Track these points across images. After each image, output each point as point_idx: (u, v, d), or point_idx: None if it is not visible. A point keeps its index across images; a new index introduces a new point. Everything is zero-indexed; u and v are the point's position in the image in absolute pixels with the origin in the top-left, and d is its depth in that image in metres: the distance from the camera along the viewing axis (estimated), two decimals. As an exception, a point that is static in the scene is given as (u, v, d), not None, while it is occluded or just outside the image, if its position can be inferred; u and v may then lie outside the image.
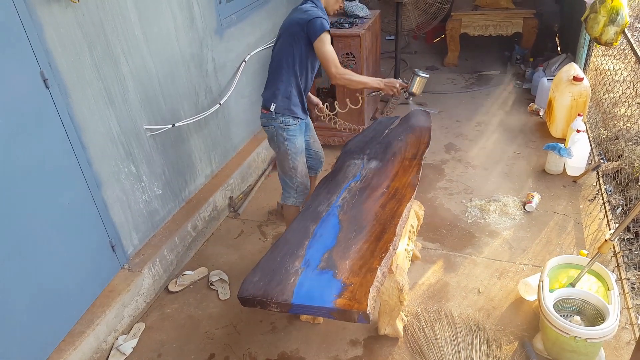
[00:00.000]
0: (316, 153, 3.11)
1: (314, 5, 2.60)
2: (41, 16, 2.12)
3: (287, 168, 2.81)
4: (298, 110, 2.71)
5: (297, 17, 2.56)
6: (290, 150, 2.74)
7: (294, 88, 2.67)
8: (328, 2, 2.70)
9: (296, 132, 2.74)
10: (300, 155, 2.80)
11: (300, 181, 2.85)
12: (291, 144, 2.73)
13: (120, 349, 2.57)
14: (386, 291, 2.34)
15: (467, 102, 5.10)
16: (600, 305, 2.23)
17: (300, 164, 2.81)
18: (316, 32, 2.47)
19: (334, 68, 2.52)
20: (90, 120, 2.46)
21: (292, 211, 2.92)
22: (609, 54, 4.36)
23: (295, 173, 2.81)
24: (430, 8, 5.42)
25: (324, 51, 2.50)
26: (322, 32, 2.47)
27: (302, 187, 2.88)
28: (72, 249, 2.42)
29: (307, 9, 2.55)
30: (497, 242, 3.15)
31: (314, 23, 2.47)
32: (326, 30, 2.48)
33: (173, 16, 2.99)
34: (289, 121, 2.69)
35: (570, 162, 3.62)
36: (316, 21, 2.47)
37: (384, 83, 2.72)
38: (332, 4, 2.71)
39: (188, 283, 3.03)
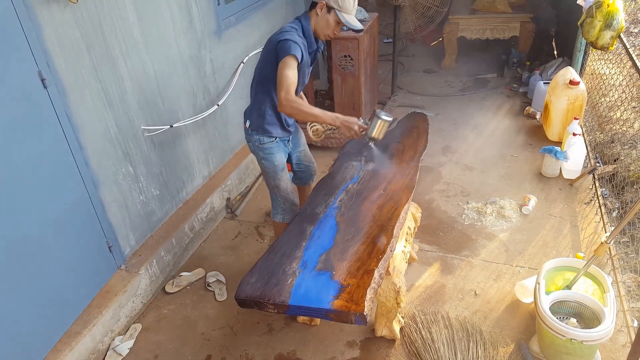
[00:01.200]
0: (307, 167, 3.01)
1: (295, 27, 2.44)
2: (40, 16, 2.12)
3: (270, 185, 2.74)
4: (275, 129, 2.58)
5: (273, 36, 2.44)
6: (269, 168, 2.65)
7: (269, 107, 2.54)
8: (318, 24, 2.48)
9: (273, 150, 2.61)
10: (281, 173, 2.68)
11: (284, 198, 2.76)
12: (269, 162, 2.63)
13: (116, 350, 2.56)
14: (383, 293, 2.34)
15: (464, 105, 5.12)
16: (596, 308, 2.23)
17: (283, 181, 2.70)
18: (281, 54, 2.32)
19: (284, 93, 2.30)
20: (88, 120, 2.46)
21: (281, 228, 2.81)
22: (604, 58, 4.38)
23: (278, 191, 2.73)
24: (428, 11, 5.45)
25: (280, 74, 2.32)
26: (287, 55, 2.30)
27: (289, 204, 2.79)
28: (69, 249, 2.41)
29: (286, 29, 2.42)
30: (493, 244, 3.16)
31: (282, 45, 2.33)
32: (292, 54, 2.30)
33: (172, 17, 3.00)
34: (263, 139, 2.58)
35: (566, 165, 3.64)
36: (285, 43, 2.32)
37: (341, 121, 2.42)
38: (322, 27, 2.47)
39: (185, 284, 3.02)
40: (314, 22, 2.48)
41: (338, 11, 2.41)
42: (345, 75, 4.12)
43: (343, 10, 2.41)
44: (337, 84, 4.20)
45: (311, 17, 2.48)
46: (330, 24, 2.45)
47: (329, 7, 2.41)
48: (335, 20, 2.44)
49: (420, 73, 6.06)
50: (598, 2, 3.47)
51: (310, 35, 2.49)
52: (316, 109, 2.41)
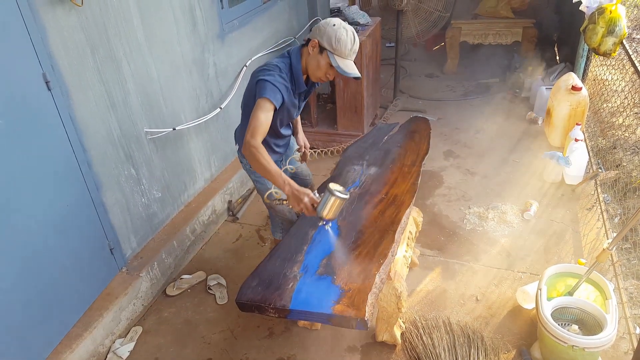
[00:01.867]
0: (303, 181, 2.89)
1: (279, 66, 2.21)
2: (45, 19, 2.13)
3: (266, 205, 2.68)
4: None
5: (258, 69, 2.25)
6: (263, 191, 2.48)
7: None
8: (308, 64, 2.24)
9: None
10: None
11: (281, 218, 2.68)
12: (261, 185, 2.53)
13: (117, 353, 2.56)
14: (384, 298, 2.34)
15: (466, 109, 5.12)
16: (598, 315, 2.23)
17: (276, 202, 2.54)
18: (258, 94, 2.14)
19: (249, 136, 2.08)
20: (92, 122, 2.47)
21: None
22: (607, 64, 4.38)
23: (274, 212, 2.66)
24: (431, 16, 5.46)
25: (253, 114, 2.11)
26: (261, 97, 2.10)
27: (287, 223, 2.69)
28: (71, 251, 2.41)
29: (269, 68, 2.20)
30: (495, 249, 3.16)
31: (260, 85, 2.13)
32: (266, 98, 2.09)
33: (175, 20, 3.01)
34: None
35: (568, 171, 3.63)
36: (262, 84, 2.13)
37: (290, 190, 2.06)
38: (313, 68, 2.22)
39: (186, 287, 3.02)
40: (305, 61, 2.24)
41: (331, 53, 2.14)
42: (348, 79, 4.13)
43: (337, 53, 2.14)
44: (340, 87, 4.21)
45: (303, 54, 2.24)
46: (321, 66, 2.19)
47: (322, 48, 2.16)
48: (327, 63, 2.17)
49: (422, 77, 6.07)
50: (600, 8, 3.47)
51: (299, 75, 2.25)
52: (273, 167, 2.08)
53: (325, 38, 2.14)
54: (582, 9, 3.66)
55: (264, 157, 2.08)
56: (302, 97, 2.44)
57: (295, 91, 2.30)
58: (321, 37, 2.15)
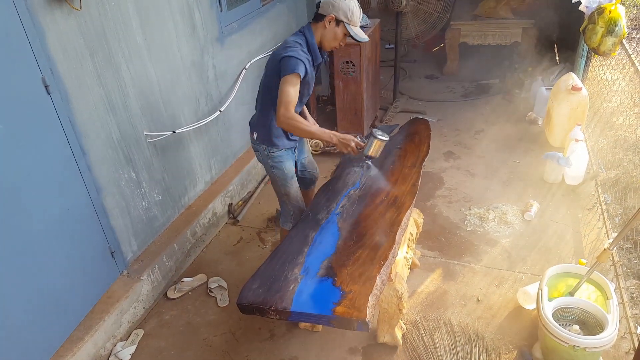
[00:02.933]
0: (310, 173, 3.02)
1: (299, 43, 2.42)
2: (43, 22, 2.13)
3: (280, 193, 2.75)
4: (281, 140, 2.59)
5: (277, 51, 2.43)
6: (279, 176, 2.65)
7: (274, 120, 2.49)
8: (324, 36, 2.47)
9: (282, 159, 2.62)
10: (291, 180, 2.69)
11: (294, 205, 2.75)
12: (279, 171, 2.64)
13: (118, 356, 2.56)
14: (385, 299, 2.34)
15: (466, 110, 5.12)
16: (599, 315, 2.23)
17: (292, 189, 2.71)
18: (284, 71, 2.32)
19: (283, 110, 2.31)
20: (91, 126, 2.47)
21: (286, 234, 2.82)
22: (607, 64, 4.38)
23: (288, 199, 2.73)
24: (430, 17, 5.46)
25: (281, 90, 2.32)
26: (290, 73, 2.30)
27: (298, 212, 2.77)
28: (71, 254, 2.42)
29: (290, 44, 2.41)
30: (496, 250, 3.15)
31: (285, 62, 2.32)
32: (295, 72, 2.30)
33: (174, 23, 3.01)
34: (272, 149, 2.59)
35: (569, 171, 3.63)
36: (288, 60, 2.32)
37: (338, 139, 2.44)
38: (329, 39, 2.47)
39: (187, 290, 3.02)
40: (320, 35, 2.47)
41: (347, 24, 2.43)
42: (347, 81, 4.13)
43: (352, 23, 2.44)
44: (339, 89, 4.21)
45: (316, 29, 2.47)
46: (338, 36, 2.46)
47: (338, 21, 2.42)
48: (343, 33, 2.46)
49: (422, 79, 6.07)
50: (600, 8, 3.47)
51: (316, 49, 2.48)
52: (314, 127, 2.46)
53: (341, 12, 2.42)
54: (581, 9, 3.66)
55: (303, 122, 2.37)
56: (316, 69, 2.63)
57: (314, 63, 2.52)
58: (337, 12, 2.42)
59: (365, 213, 2.42)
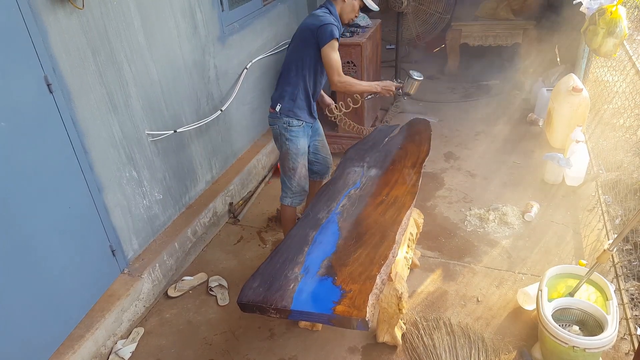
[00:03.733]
0: (324, 158, 3.13)
1: (327, 12, 2.67)
2: (46, 21, 2.14)
3: (286, 168, 2.86)
4: (303, 113, 2.77)
5: (309, 22, 2.64)
6: (292, 150, 2.79)
7: (301, 91, 2.73)
8: (343, 9, 2.74)
9: (299, 134, 2.79)
10: (301, 157, 2.83)
11: (297, 182, 2.88)
12: (292, 145, 2.78)
13: (119, 354, 2.57)
14: (385, 299, 2.34)
15: (466, 111, 5.13)
16: (599, 315, 2.23)
17: (300, 165, 2.84)
18: (325, 39, 2.55)
19: (337, 76, 2.60)
20: (93, 125, 2.48)
21: (288, 212, 2.98)
22: (608, 65, 4.38)
23: (294, 174, 2.85)
24: (431, 18, 5.47)
25: (329, 58, 2.58)
26: (331, 39, 2.54)
27: (299, 189, 2.91)
28: (73, 252, 2.42)
29: (320, 15, 2.63)
30: (496, 251, 3.16)
31: (324, 29, 2.55)
32: (335, 37, 2.55)
33: (176, 23, 3.02)
34: (292, 122, 2.75)
35: (569, 172, 3.63)
36: (327, 27, 2.54)
37: (381, 87, 2.83)
38: (347, 12, 2.75)
39: (187, 288, 3.03)
40: (340, 8, 2.73)
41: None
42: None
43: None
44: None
45: (337, 3, 2.72)
46: (355, 8, 2.76)
47: None
48: (359, 5, 2.76)
49: (423, 79, 6.06)
50: (601, 9, 3.47)
51: (339, 19, 2.72)
52: (363, 82, 2.80)
53: None
54: (582, 10, 3.66)
55: (355, 81, 2.71)
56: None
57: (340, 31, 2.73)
58: None
59: (366, 213, 2.42)
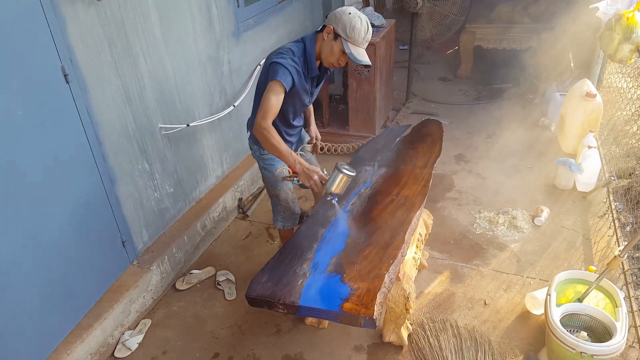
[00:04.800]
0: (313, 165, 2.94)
1: (292, 50, 2.30)
2: (65, 12, 2.16)
3: (270, 194, 2.73)
4: None
5: (271, 54, 2.34)
6: (269, 178, 2.60)
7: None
8: (322, 49, 2.31)
9: (274, 161, 2.53)
10: (280, 183, 2.60)
11: (284, 207, 2.72)
12: (268, 173, 2.58)
13: (126, 344, 2.59)
14: (392, 298, 2.34)
15: (478, 114, 5.11)
16: (608, 322, 2.21)
17: (282, 191, 2.64)
18: (270, 77, 2.22)
19: (260, 117, 2.19)
20: (107, 116, 2.50)
21: (284, 232, 2.89)
22: (622, 71, 4.35)
23: (277, 200, 2.69)
24: (445, 19, 5.44)
25: (264, 96, 2.21)
26: (273, 79, 2.19)
27: (288, 213, 2.75)
28: (83, 243, 2.44)
29: (282, 51, 2.29)
30: (504, 254, 3.14)
31: (272, 67, 2.22)
32: (277, 80, 2.18)
33: (192, 18, 3.04)
34: (263, 150, 2.50)
35: (580, 178, 3.61)
36: (274, 67, 2.21)
37: (302, 168, 2.24)
38: (326, 53, 2.30)
39: (195, 282, 3.05)
40: (319, 46, 2.31)
41: (345, 40, 2.22)
42: (361, 81, 4.14)
43: (350, 40, 2.22)
44: (352, 88, 4.22)
45: (317, 39, 2.31)
46: (334, 52, 2.27)
47: (336, 34, 2.23)
48: (340, 50, 2.25)
49: (436, 81, 6.06)
50: (617, 15, 3.44)
51: (313, 60, 2.32)
52: (283, 147, 2.22)
53: (341, 25, 2.22)
54: (598, 16, 3.63)
55: (275, 137, 2.21)
56: (315, 82, 2.49)
57: (308, 75, 2.35)
58: (336, 24, 2.23)
59: (375, 211, 2.42)
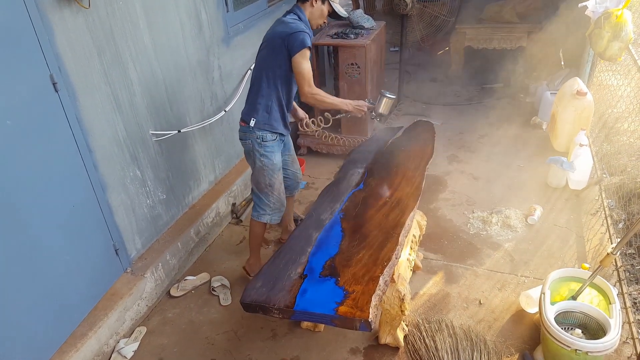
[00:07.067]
0: (294, 174, 3.04)
1: (297, 18, 2.56)
2: (52, 20, 2.15)
3: (263, 185, 2.73)
4: (279, 125, 2.65)
5: (279, 30, 2.50)
6: (267, 166, 2.66)
7: (275, 102, 2.59)
8: (312, 15, 2.63)
9: (274, 148, 2.66)
10: (277, 172, 2.71)
11: (277, 198, 2.77)
12: (268, 160, 2.65)
13: (121, 353, 2.57)
14: (388, 300, 2.34)
15: (470, 114, 5.13)
16: (602, 319, 2.22)
17: (277, 181, 2.73)
18: (296, 47, 2.41)
19: (308, 87, 2.48)
20: (98, 124, 2.49)
21: (259, 227, 2.87)
22: (612, 69, 4.38)
23: (271, 190, 2.73)
24: (435, 21, 5.47)
25: (301, 68, 2.45)
26: (303, 47, 2.42)
27: (279, 205, 2.80)
28: (76, 251, 2.43)
29: (290, 22, 2.51)
30: (498, 254, 3.15)
31: (295, 37, 2.41)
32: (307, 46, 2.43)
33: (181, 24, 3.03)
34: (266, 137, 2.61)
35: (572, 176, 3.63)
36: (298, 35, 2.42)
37: (353, 105, 2.76)
38: (316, 17, 2.65)
39: (190, 288, 3.03)
40: (309, 13, 2.62)
41: (332, 1, 2.66)
42: (352, 83, 4.14)
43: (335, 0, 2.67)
44: (344, 91, 4.22)
45: (305, 8, 2.62)
46: (324, 13, 2.66)
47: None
48: (328, 10, 2.66)
49: (427, 82, 6.07)
50: (606, 13, 3.47)
51: (309, 25, 2.62)
52: (334, 98, 2.68)
53: None
54: (587, 14, 3.66)
55: (328, 96, 2.62)
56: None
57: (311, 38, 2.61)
58: None
59: (369, 214, 2.42)
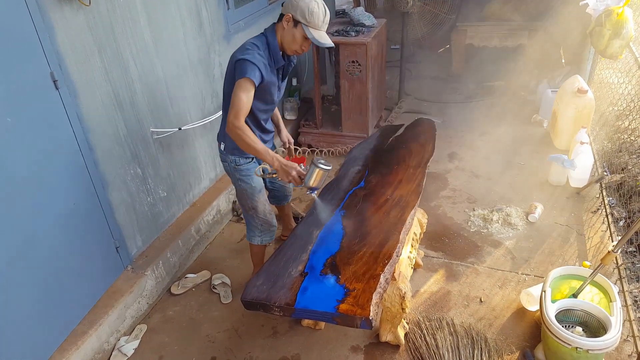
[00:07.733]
0: (282, 187, 2.97)
1: (256, 44, 2.27)
2: (53, 18, 2.15)
3: (246, 207, 2.64)
4: None
5: (235, 52, 2.28)
6: (247, 190, 2.54)
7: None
8: (284, 39, 2.30)
9: (250, 172, 2.50)
10: (258, 194, 2.57)
11: (263, 220, 2.66)
12: (245, 184, 2.53)
13: (121, 350, 2.58)
14: (388, 298, 2.34)
15: (471, 112, 5.12)
16: (602, 317, 2.22)
17: (260, 203, 2.60)
18: (238, 75, 2.19)
19: (233, 117, 2.16)
20: (98, 121, 2.49)
21: (257, 249, 2.81)
22: (613, 67, 4.37)
23: (255, 213, 2.63)
24: (436, 18, 5.46)
25: (233, 95, 2.17)
26: (242, 77, 2.16)
27: (266, 226, 2.70)
28: (77, 249, 2.43)
29: (247, 47, 2.25)
30: (499, 251, 3.15)
31: (239, 65, 2.19)
32: (247, 77, 2.16)
33: (182, 21, 3.03)
34: (239, 161, 2.47)
35: (573, 174, 3.63)
36: (242, 64, 2.18)
37: (280, 165, 2.22)
38: (287, 42, 2.29)
39: (190, 286, 3.03)
40: (280, 36, 2.30)
41: (305, 26, 2.22)
42: (353, 81, 4.14)
43: (311, 25, 2.22)
44: (345, 89, 4.21)
45: (277, 30, 2.30)
46: (296, 39, 2.27)
47: (296, 21, 2.23)
48: (302, 36, 2.25)
49: (428, 79, 6.06)
50: (607, 11, 3.46)
51: (277, 51, 2.31)
52: (259, 145, 2.20)
53: (299, 11, 2.22)
54: (588, 12, 3.65)
55: (250, 136, 2.20)
56: (281, 74, 2.47)
57: (274, 67, 2.35)
58: (294, 11, 2.22)
59: (370, 212, 2.42)
